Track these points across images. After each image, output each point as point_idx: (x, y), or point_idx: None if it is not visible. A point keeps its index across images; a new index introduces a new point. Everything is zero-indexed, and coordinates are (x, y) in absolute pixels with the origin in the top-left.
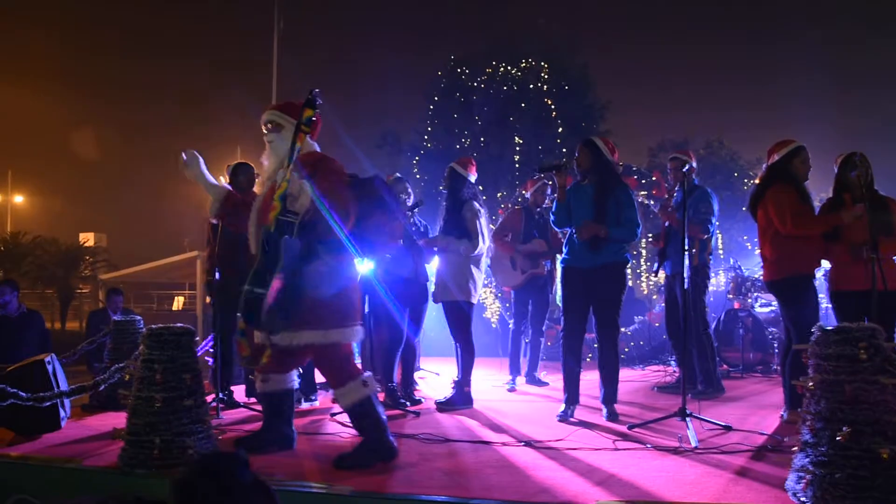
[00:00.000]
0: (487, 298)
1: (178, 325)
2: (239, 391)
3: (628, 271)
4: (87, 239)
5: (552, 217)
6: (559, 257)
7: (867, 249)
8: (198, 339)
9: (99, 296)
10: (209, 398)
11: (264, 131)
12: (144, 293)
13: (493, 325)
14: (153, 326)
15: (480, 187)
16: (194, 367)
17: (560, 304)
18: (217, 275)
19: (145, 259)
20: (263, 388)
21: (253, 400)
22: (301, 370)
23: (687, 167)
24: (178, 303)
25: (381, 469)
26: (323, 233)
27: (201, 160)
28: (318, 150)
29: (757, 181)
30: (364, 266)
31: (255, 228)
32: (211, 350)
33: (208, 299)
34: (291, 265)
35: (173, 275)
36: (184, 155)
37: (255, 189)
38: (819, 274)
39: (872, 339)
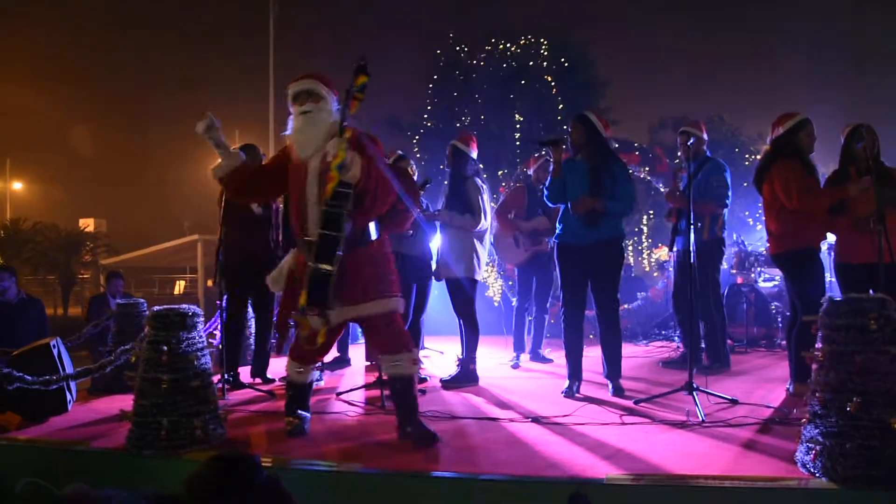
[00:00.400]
0: (490, 276)
1: (185, 305)
2: (244, 372)
3: (629, 247)
4: (88, 225)
5: (545, 193)
6: None
7: (874, 221)
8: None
9: (100, 281)
10: (215, 379)
11: (296, 104)
12: (146, 278)
13: (496, 304)
14: (158, 307)
15: (481, 165)
16: (201, 347)
17: None
18: (221, 256)
19: (146, 244)
20: (296, 378)
21: (258, 381)
22: None
23: (692, 140)
24: (180, 286)
25: (390, 446)
26: (370, 206)
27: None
28: None
29: (761, 156)
30: None
31: (305, 202)
32: (216, 332)
33: (210, 282)
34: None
35: (174, 259)
36: (210, 118)
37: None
38: (824, 247)
39: (883, 309)
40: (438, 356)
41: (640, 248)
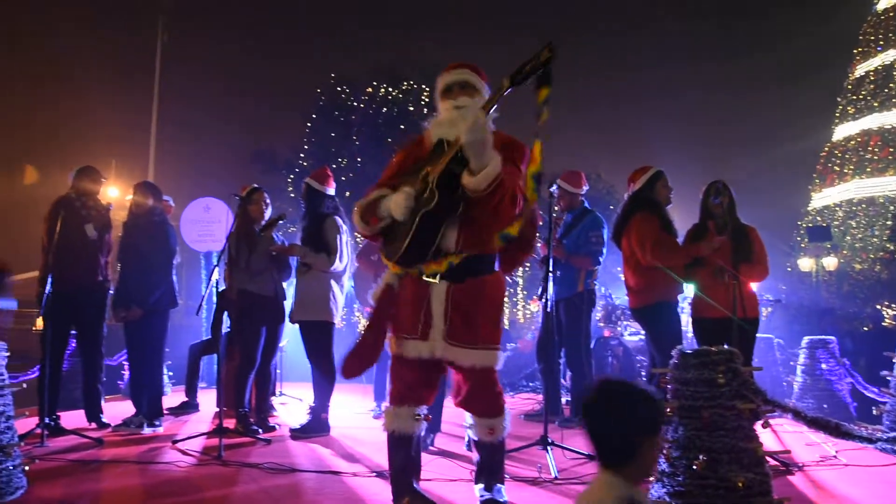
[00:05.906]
0: (362, 322)
1: None
2: (74, 417)
3: (505, 299)
4: None
5: None
6: None
7: (729, 275)
8: None
9: None
10: (32, 423)
11: (448, 97)
12: None
13: None
14: None
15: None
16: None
17: None
18: (49, 286)
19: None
20: (404, 427)
21: (93, 426)
22: (149, 393)
23: (555, 188)
24: (40, 322)
25: (210, 499)
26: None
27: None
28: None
29: (619, 210)
30: (220, 284)
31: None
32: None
33: (39, 323)
34: None
35: (28, 292)
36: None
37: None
38: (684, 303)
39: (730, 362)
40: (298, 403)
41: (514, 299)
